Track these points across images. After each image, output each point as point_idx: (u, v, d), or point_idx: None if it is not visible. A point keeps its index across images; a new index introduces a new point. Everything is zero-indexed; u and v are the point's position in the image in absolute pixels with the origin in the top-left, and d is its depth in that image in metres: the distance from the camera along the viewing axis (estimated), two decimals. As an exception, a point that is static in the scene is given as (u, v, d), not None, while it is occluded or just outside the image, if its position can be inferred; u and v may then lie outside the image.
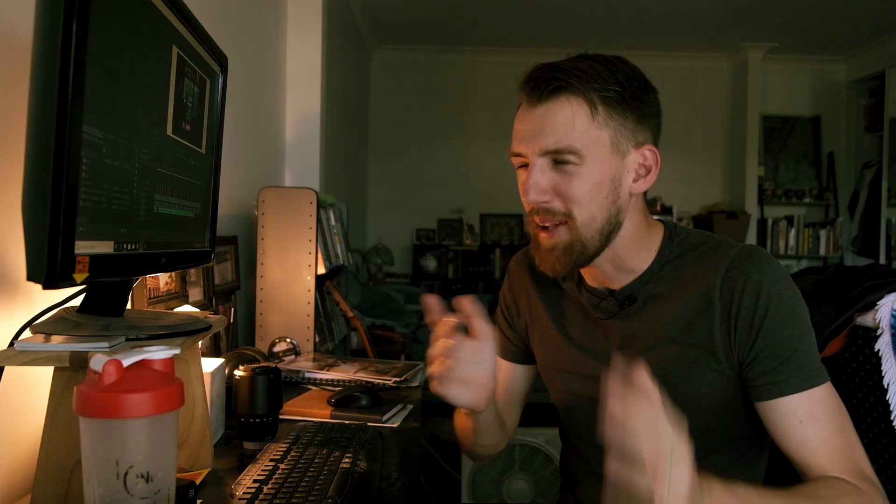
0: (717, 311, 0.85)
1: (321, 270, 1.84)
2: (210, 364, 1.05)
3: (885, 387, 1.04)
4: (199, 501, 0.80)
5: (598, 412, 0.95)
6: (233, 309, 1.74)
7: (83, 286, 0.75)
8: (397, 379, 1.40)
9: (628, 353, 0.91)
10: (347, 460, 0.90)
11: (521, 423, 1.15)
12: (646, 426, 0.58)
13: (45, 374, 0.76)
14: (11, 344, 0.73)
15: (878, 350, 1.06)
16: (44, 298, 0.80)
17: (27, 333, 0.75)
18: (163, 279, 1.27)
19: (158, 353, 0.61)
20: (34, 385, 0.86)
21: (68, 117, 0.60)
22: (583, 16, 4.49)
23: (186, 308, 1.29)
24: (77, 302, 0.81)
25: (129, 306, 0.88)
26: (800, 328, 0.84)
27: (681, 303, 0.88)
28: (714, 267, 0.87)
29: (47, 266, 0.60)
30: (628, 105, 0.86)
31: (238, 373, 1.05)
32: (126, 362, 0.58)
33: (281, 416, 1.12)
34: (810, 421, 0.82)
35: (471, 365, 0.82)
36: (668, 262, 0.91)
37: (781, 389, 0.83)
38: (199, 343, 0.94)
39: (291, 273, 1.75)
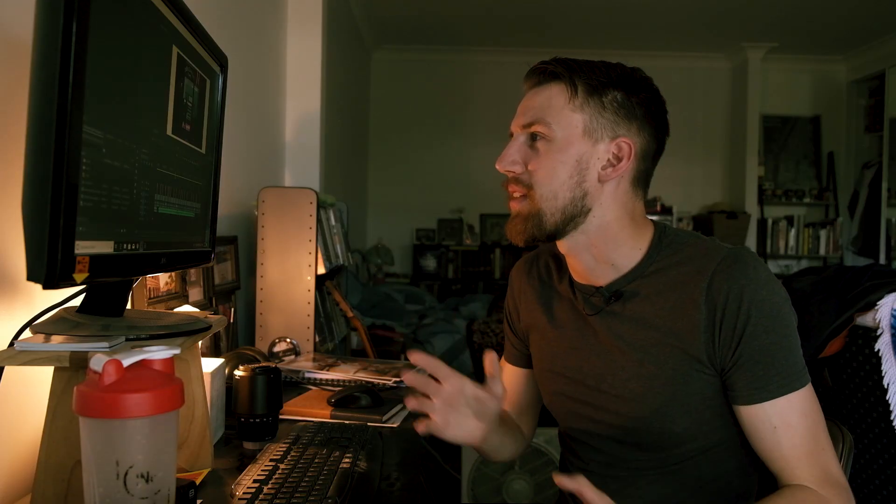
0: (703, 316, 0.86)
1: (321, 270, 1.84)
2: (210, 364, 1.05)
3: (885, 387, 1.04)
4: (199, 501, 0.80)
5: (589, 414, 0.96)
6: (233, 309, 1.74)
7: (83, 286, 0.75)
8: (397, 379, 1.40)
9: (617, 353, 0.92)
10: (347, 460, 0.90)
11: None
12: None
13: (45, 374, 0.76)
14: (11, 344, 0.73)
15: (878, 350, 1.06)
16: (44, 298, 0.80)
17: (27, 333, 0.75)
18: (163, 279, 1.27)
19: (158, 353, 0.61)
20: (34, 385, 0.86)
21: (68, 117, 0.60)
22: (583, 16, 4.49)
23: (186, 308, 1.29)
24: (77, 302, 0.81)
25: (129, 306, 0.88)
26: (782, 334, 0.85)
27: (668, 304, 0.89)
28: (700, 271, 0.87)
29: (47, 266, 0.60)
30: (609, 96, 0.89)
31: (238, 373, 1.05)
32: (126, 362, 0.58)
33: (281, 416, 1.12)
34: (783, 427, 0.84)
35: (470, 410, 0.87)
36: (656, 263, 0.92)
37: (760, 396, 0.84)
38: (199, 343, 0.94)
39: (291, 273, 1.75)
